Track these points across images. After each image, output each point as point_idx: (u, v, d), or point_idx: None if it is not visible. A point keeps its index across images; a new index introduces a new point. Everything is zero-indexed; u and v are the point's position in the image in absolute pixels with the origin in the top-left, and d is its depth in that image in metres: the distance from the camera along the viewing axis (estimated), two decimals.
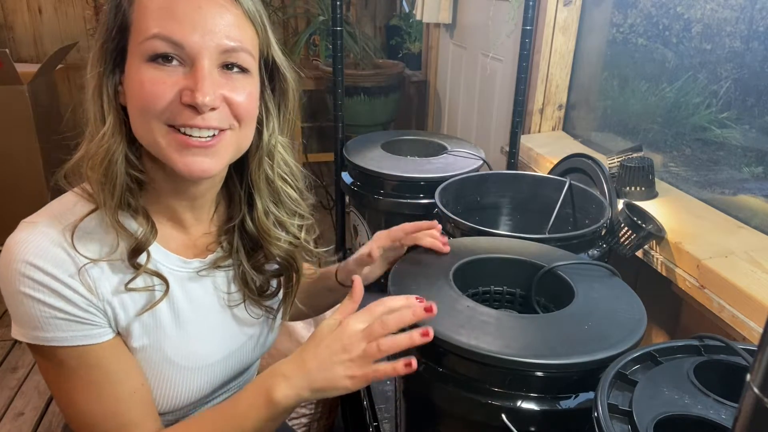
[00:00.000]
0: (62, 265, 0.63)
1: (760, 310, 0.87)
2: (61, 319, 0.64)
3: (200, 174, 0.66)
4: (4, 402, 1.86)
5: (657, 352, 0.61)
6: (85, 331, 0.65)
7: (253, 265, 0.80)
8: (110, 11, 0.66)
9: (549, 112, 1.77)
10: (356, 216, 1.37)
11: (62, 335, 0.64)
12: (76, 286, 0.64)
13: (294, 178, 0.82)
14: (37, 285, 0.62)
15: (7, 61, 2.38)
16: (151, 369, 0.72)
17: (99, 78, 0.66)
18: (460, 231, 0.97)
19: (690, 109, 1.32)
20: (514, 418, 0.61)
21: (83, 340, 0.65)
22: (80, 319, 0.65)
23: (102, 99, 0.66)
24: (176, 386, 0.74)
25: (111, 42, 0.66)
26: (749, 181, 1.17)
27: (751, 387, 0.34)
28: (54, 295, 0.63)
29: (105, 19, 0.66)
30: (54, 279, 0.63)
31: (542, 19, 1.66)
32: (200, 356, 0.76)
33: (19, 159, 2.52)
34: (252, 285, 0.80)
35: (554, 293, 0.79)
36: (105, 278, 0.67)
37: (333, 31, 1.35)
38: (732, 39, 1.20)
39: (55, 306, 0.63)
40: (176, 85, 0.64)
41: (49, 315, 0.63)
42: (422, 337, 0.63)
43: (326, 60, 2.93)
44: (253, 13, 0.68)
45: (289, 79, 0.75)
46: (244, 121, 0.69)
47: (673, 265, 1.05)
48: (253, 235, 0.79)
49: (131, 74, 0.65)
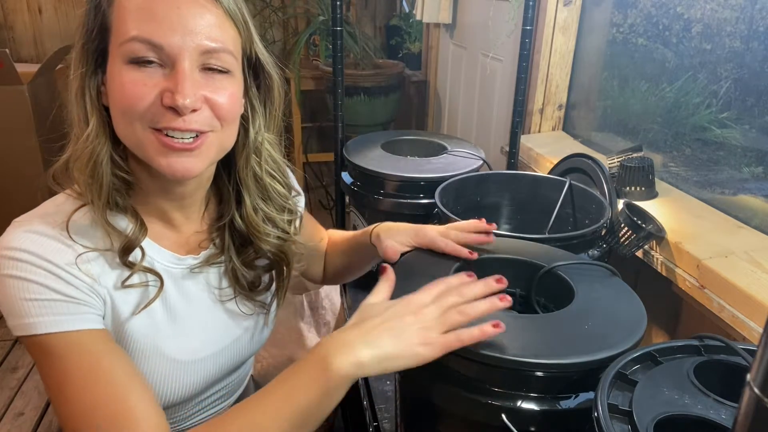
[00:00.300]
0: (60, 253, 0.63)
1: (760, 310, 0.87)
2: (53, 300, 0.62)
3: (183, 174, 0.66)
4: (4, 402, 1.86)
5: (657, 352, 0.61)
6: (77, 314, 0.63)
7: (243, 261, 0.80)
8: (89, 12, 0.66)
9: (549, 112, 1.77)
10: (356, 216, 1.36)
11: (53, 319, 0.62)
12: (76, 272, 0.64)
13: (281, 174, 0.82)
14: (26, 265, 0.61)
15: (7, 61, 2.38)
16: (144, 364, 0.72)
17: (81, 79, 0.66)
18: None
19: (690, 109, 1.32)
20: (514, 418, 0.61)
21: (74, 324, 0.63)
22: (74, 299, 0.63)
23: (85, 100, 0.66)
24: (169, 381, 0.74)
25: (91, 43, 0.66)
26: (749, 181, 1.17)
27: (751, 387, 0.34)
28: (48, 274, 0.62)
29: (84, 20, 0.66)
30: (49, 262, 0.62)
31: (542, 19, 1.66)
32: (192, 350, 0.76)
33: (19, 159, 2.52)
34: (243, 281, 0.80)
35: (554, 293, 0.79)
36: (106, 273, 0.67)
37: (333, 31, 1.35)
38: (732, 39, 1.20)
39: (49, 286, 0.62)
40: (156, 86, 0.63)
41: (42, 299, 0.62)
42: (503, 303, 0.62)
43: (326, 60, 2.93)
44: (234, 11, 0.67)
45: (274, 76, 0.75)
46: (226, 122, 0.68)
47: (673, 265, 1.05)
48: (242, 231, 0.79)
49: (112, 76, 0.65)
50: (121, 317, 0.69)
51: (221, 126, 0.68)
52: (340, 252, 1.02)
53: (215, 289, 0.80)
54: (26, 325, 0.62)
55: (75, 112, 0.67)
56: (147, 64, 0.63)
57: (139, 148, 0.66)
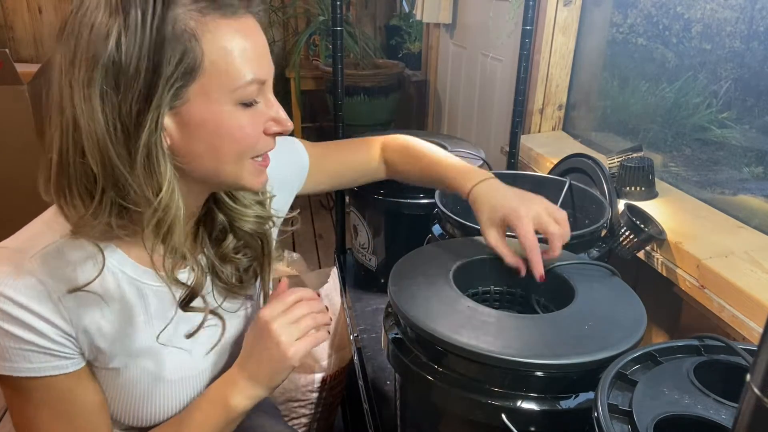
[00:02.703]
0: (35, 294, 0.61)
1: (760, 310, 0.87)
2: (30, 351, 0.62)
3: (264, 182, 0.71)
4: (4, 402, 1.85)
5: (657, 352, 0.61)
6: (55, 362, 0.64)
7: (220, 255, 0.76)
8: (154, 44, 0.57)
9: (549, 112, 1.77)
10: (356, 216, 1.36)
11: (30, 366, 0.63)
12: (48, 316, 0.62)
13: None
14: (8, 317, 0.60)
15: (7, 61, 2.38)
16: (137, 387, 0.71)
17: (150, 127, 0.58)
18: (460, 231, 0.97)
19: (690, 109, 1.32)
20: (514, 418, 0.61)
21: (52, 371, 0.64)
22: (51, 351, 0.63)
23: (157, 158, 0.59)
24: (166, 399, 0.73)
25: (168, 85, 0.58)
26: (749, 181, 1.17)
27: (751, 387, 0.34)
28: (25, 328, 0.61)
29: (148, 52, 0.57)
30: (26, 311, 0.61)
31: (542, 19, 1.66)
32: (188, 366, 0.75)
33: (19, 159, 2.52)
34: (223, 276, 0.77)
35: (554, 293, 0.79)
36: (81, 306, 0.64)
37: (333, 31, 1.35)
38: (732, 39, 1.20)
39: (26, 339, 0.62)
40: (261, 120, 0.66)
41: (18, 347, 0.62)
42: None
43: (326, 60, 2.93)
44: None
45: None
46: None
47: (673, 265, 1.05)
48: (220, 221, 0.75)
49: (219, 115, 0.62)
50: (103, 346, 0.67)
51: None
52: (417, 170, 1.00)
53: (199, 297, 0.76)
54: (3, 367, 0.63)
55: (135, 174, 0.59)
56: (255, 103, 0.65)
57: (236, 178, 0.67)
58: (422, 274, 0.77)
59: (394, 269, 0.79)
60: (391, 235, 1.30)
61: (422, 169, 0.98)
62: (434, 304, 0.69)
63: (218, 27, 0.60)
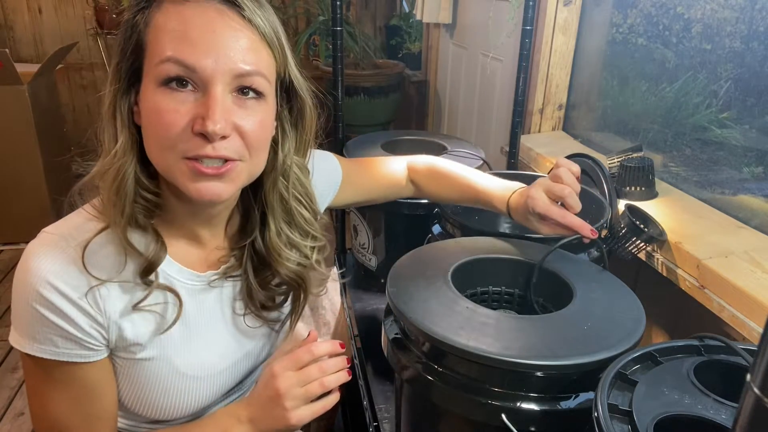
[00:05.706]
0: (77, 284, 0.65)
1: (760, 310, 0.87)
2: (59, 336, 0.65)
3: (212, 199, 0.66)
4: (4, 402, 1.86)
5: (657, 352, 0.61)
6: (80, 351, 0.67)
7: (259, 282, 0.79)
8: (126, 31, 0.66)
9: (549, 112, 1.77)
10: (356, 216, 1.36)
11: (56, 350, 0.66)
12: (85, 306, 0.65)
13: (308, 199, 0.81)
14: (50, 305, 0.64)
15: (7, 61, 2.39)
16: (158, 380, 0.73)
17: (113, 96, 0.66)
18: (459, 231, 0.97)
19: (690, 109, 1.32)
20: (514, 418, 0.61)
21: (76, 359, 0.67)
22: (79, 340, 0.66)
23: (116, 118, 0.66)
24: (184, 395, 0.75)
25: (125, 62, 0.65)
26: (749, 181, 1.17)
27: (751, 387, 0.34)
28: (59, 315, 0.64)
29: (120, 38, 0.66)
30: (64, 298, 0.64)
31: (542, 19, 1.66)
32: (208, 365, 0.77)
33: (19, 159, 2.52)
34: (256, 299, 0.80)
35: (553, 293, 0.79)
36: (114, 297, 0.67)
37: (333, 31, 1.35)
38: (732, 39, 1.20)
39: (58, 324, 0.65)
40: (188, 113, 0.63)
41: (52, 332, 0.65)
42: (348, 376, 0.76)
43: (326, 60, 2.93)
44: (269, 35, 0.67)
45: (307, 101, 0.75)
46: (255, 150, 0.68)
47: (673, 265, 1.05)
48: (261, 253, 0.78)
49: (146, 97, 0.64)
50: (133, 337, 0.69)
51: (250, 155, 0.67)
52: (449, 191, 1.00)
53: (229, 304, 0.79)
54: (33, 348, 0.66)
55: (105, 128, 0.67)
56: (180, 88, 0.63)
57: (169, 174, 0.66)
58: (421, 275, 0.77)
59: (393, 270, 0.79)
60: (391, 235, 1.30)
61: (455, 190, 0.99)
62: (433, 305, 0.69)
63: (164, 9, 0.64)
